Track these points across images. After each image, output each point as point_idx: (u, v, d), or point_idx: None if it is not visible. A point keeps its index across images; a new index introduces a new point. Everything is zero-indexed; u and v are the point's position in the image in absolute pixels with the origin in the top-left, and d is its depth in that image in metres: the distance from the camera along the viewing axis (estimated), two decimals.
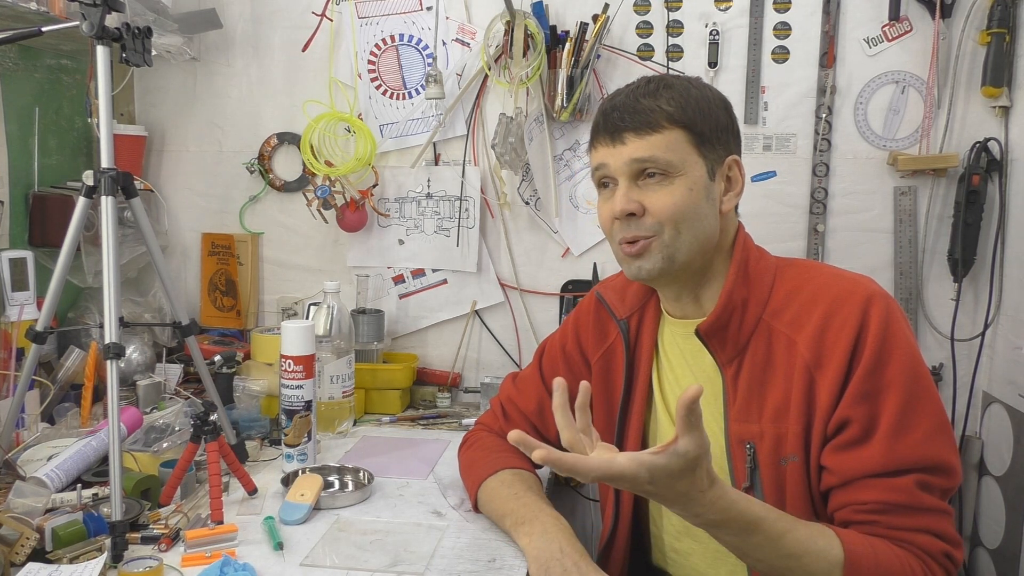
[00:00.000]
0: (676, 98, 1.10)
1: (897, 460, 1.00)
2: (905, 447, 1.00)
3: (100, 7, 1.25)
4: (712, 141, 1.11)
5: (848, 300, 1.06)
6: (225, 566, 1.07)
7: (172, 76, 2.03)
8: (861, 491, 1.01)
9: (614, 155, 1.11)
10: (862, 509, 1.00)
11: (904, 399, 1.01)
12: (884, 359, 1.02)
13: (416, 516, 1.30)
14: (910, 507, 0.99)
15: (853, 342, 1.03)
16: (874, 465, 1.00)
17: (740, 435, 1.10)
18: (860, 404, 1.02)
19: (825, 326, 1.05)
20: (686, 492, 0.90)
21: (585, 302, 1.37)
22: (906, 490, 0.99)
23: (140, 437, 1.46)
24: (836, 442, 1.04)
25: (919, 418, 1.01)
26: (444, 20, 1.91)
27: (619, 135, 1.10)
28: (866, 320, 1.04)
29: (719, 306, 1.11)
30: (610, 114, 1.12)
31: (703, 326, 1.12)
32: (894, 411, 1.01)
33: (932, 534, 0.99)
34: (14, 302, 1.60)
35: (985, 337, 1.77)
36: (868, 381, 1.02)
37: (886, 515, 0.99)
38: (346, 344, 1.69)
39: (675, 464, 0.87)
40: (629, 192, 1.10)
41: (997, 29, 1.68)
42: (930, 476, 1.00)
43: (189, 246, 2.08)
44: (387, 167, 1.98)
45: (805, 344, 1.06)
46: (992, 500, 1.71)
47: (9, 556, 1.07)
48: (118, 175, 1.28)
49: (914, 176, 1.79)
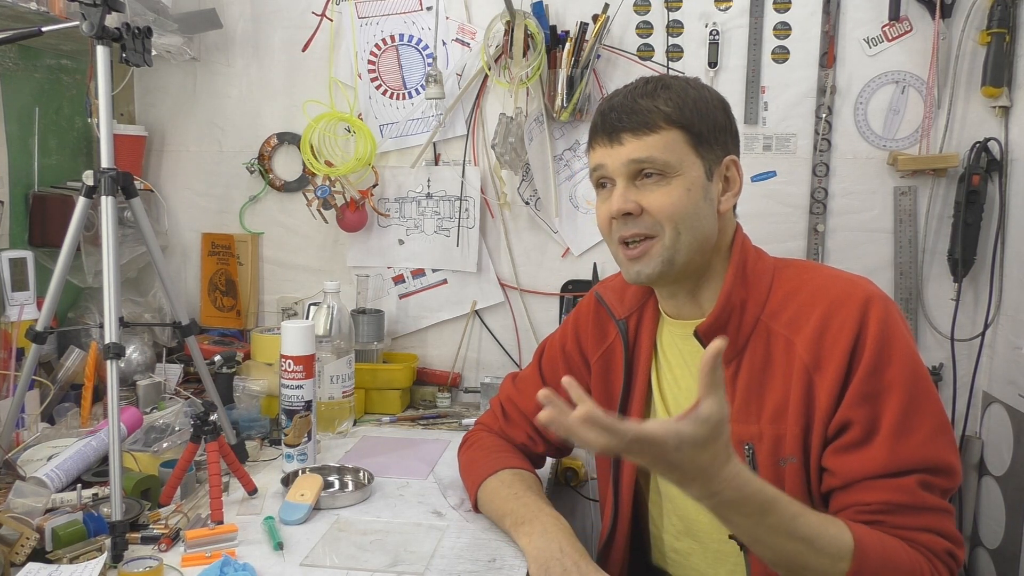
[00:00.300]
0: (674, 98, 1.10)
1: (900, 461, 1.00)
2: (907, 448, 1.00)
3: (100, 7, 1.25)
4: (710, 141, 1.11)
5: (846, 302, 1.06)
6: (225, 566, 1.07)
7: (172, 76, 2.03)
8: (864, 492, 1.01)
9: (612, 155, 1.11)
10: (866, 510, 1.00)
11: (905, 400, 1.01)
12: (885, 360, 1.02)
13: (416, 516, 1.30)
14: (913, 507, 0.99)
15: (852, 344, 1.03)
16: (877, 466, 1.00)
17: (739, 436, 1.10)
18: (861, 406, 1.02)
19: (824, 328, 1.06)
20: (707, 465, 0.88)
21: (584, 302, 1.37)
22: (909, 490, 0.99)
23: (140, 437, 1.46)
24: (837, 444, 1.04)
25: (920, 419, 1.01)
26: (444, 20, 1.91)
27: (617, 135, 1.11)
28: (865, 322, 1.04)
29: (718, 307, 1.11)
30: (608, 114, 1.12)
31: (702, 327, 1.12)
32: (896, 412, 1.01)
33: (935, 533, 0.99)
34: (14, 302, 1.60)
35: (985, 337, 1.77)
36: (869, 383, 1.02)
37: (890, 515, 0.99)
38: (346, 344, 1.69)
39: (700, 431, 0.85)
40: (627, 192, 1.11)
41: (997, 29, 1.68)
42: (932, 476, 1.00)
43: (189, 246, 2.08)
44: (387, 167, 1.98)
45: (804, 345, 1.06)
46: (992, 500, 1.71)
47: (9, 556, 1.07)
48: (118, 175, 1.28)
49: (914, 176, 1.79)
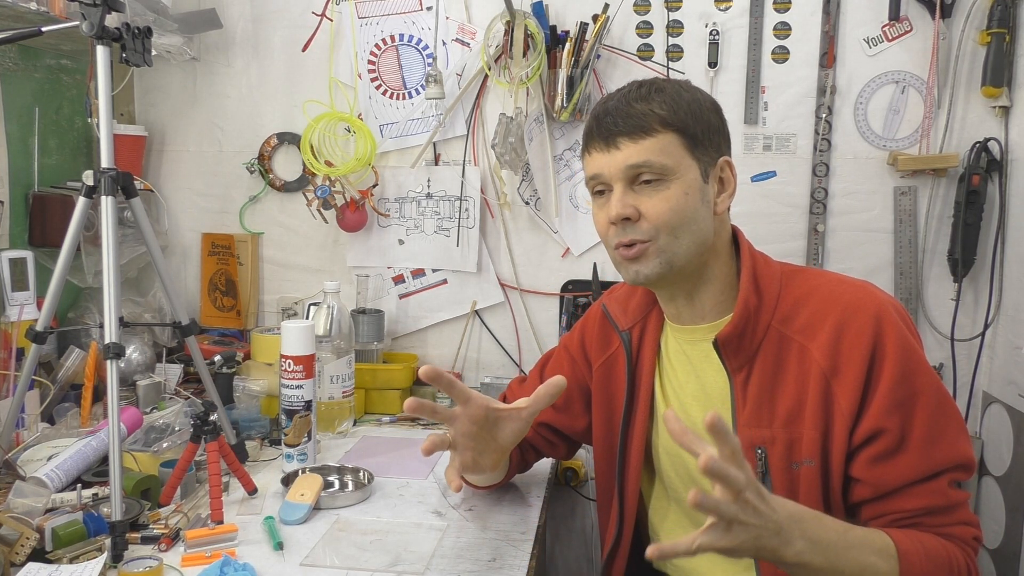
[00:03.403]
0: (668, 101, 1.10)
1: (933, 465, 1.03)
2: (940, 452, 1.03)
3: (100, 7, 1.25)
4: (704, 144, 1.12)
5: (860, 308, 1.08)
6: (225, 566, 1.07)
7: (172, 76, 2.03)
8: (902, 500, 1.03)
9: (608, 161, 1.11)
10: (904, 516, 1.03)
11: (933, 405, 1.04)
12: (912, 369, 1.05)
13: (416, 516, 1.30)
14: (948, 507, 1.04)
15: (870, 351, 1.05)
16: (913, 473, 1.03)
17: (751, 439, 1.10)
18: (892, 414, 1.04)
19: (840, 334, 1.07)
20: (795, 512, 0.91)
21: (592, 310, 1.39)
22: (942, 492, 1.03)
23: (140, 437, 1.46)
24: (868, 454, 1.05)
25: (947, 421, 1.05)
26: (444, 20, 1.91)
27: (613, 140, 1.11)
28: (881, 329, 1.06)
29: (736, 316, 1.11)
30: (603, 119, 1.12)
31: (722, 336, 1.12)
32: (926, 418, 1.04)
33: (965, 524, 1.04)
34: (14, 302, 1.60)
35: (985, 337, 1.77)
36: (899, 391, 1.04)
37: (927, 518, 1.03)
38: (346, 344, 1.69)
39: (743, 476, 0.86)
40: (624, 197, 1.10)
41: (997, 29, 1.68)
42: (958, 473, 1.05)
43: (189, 246, 2.08)
44: (387, 167, 1.98)
45: (820, 351, 1.07)
46: (992, 500, 1.71)
47: (9, 556, 1.07)
48: (118, 175, 1.28)
49: (914, 176, 1.79)
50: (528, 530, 1.26)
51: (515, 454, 1.34)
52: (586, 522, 1.95)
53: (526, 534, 1.24)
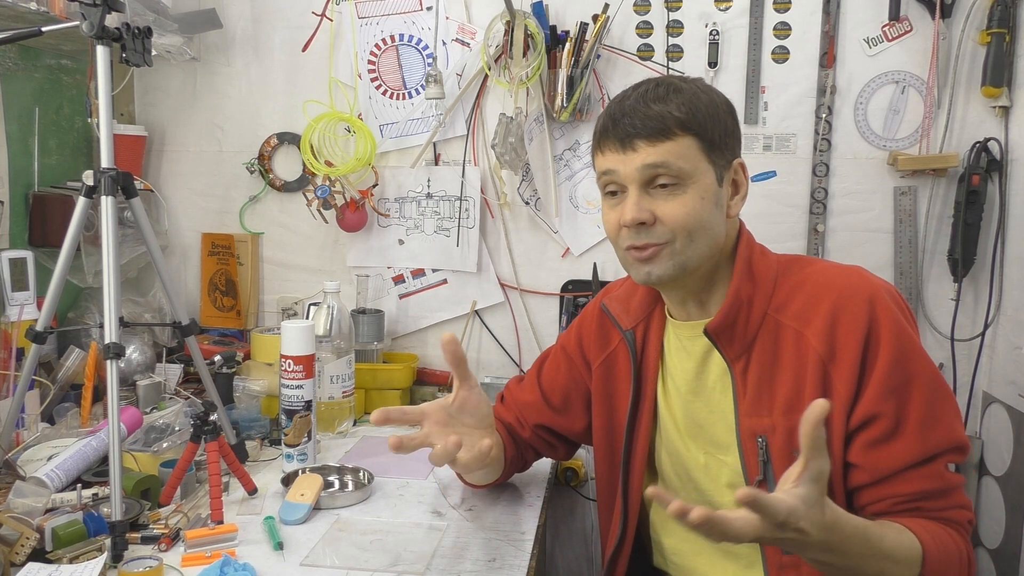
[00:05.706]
0: (686, 104, 1.08)
1: (929, 448, 1.03)
2: (935, 435, 1.04)
3: (100, 7, 1.25)
4: (720, 147, 1.10)
5: (854, 293, 1.08)
6: (225, 566, 1.07)
7: (172, 76, 2.03)
8: (899, 485, 1.04)
9: (624, 162, 1.09)
10: (902, 501, 1.03)
11: (928, 389, 1.05)
12: (907, 353, 1.05)
13: (416, 516, 1.30)
14: (944, 490, 1.04)
15: (865, 335, 1.05)
16: (909, 457, 1.03)
17: (752, 429, 1.10)
18: (888, 399, 1.04)
19: (835, 319, 1.07)
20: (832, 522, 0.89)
21: (589, 308, 1.37)
22: (939, 475, 1.04)
23: (140, 437, 1.46)
24: (864, 438, 1.05)
25: (942, 404, 1.06)
26: (444, 20, 1.91)
27: (630, 142, 1.08)
28: (875, 314, 1.06)
29: (726, 304, 1.12)
30: (620, 120, 1.09)
31: (711, 325, 1.12)
32: (922, 403, 1.04)
33: (961, 507, 1.05)
34: (14, 302, 1.60)
35: (985, 337, 1.77)
36: (894, 376, 1.04)
37: (925, 501, 1.03)
38: (346, 344, 1.69)
39: (815, 491, 0.86)
40: (640, 201, 1.08)
41: (997, 29, 1.68)
42: (953, 455, 1.05)
43: (189, 246, 2.08)
44: (387, 167, 1.98)
45: (816, 337, 1.07)
46: (992, 500, 1.71)
47: (9, 556, 1.07)
48: (118, 175, 1.29)
49: (914, 176, 1.79)
50: (528, 530, 1.26)
51: (512, 453, 1.35)
52: (586, 522, 1.95)
53: (526, 534, 1.25)
